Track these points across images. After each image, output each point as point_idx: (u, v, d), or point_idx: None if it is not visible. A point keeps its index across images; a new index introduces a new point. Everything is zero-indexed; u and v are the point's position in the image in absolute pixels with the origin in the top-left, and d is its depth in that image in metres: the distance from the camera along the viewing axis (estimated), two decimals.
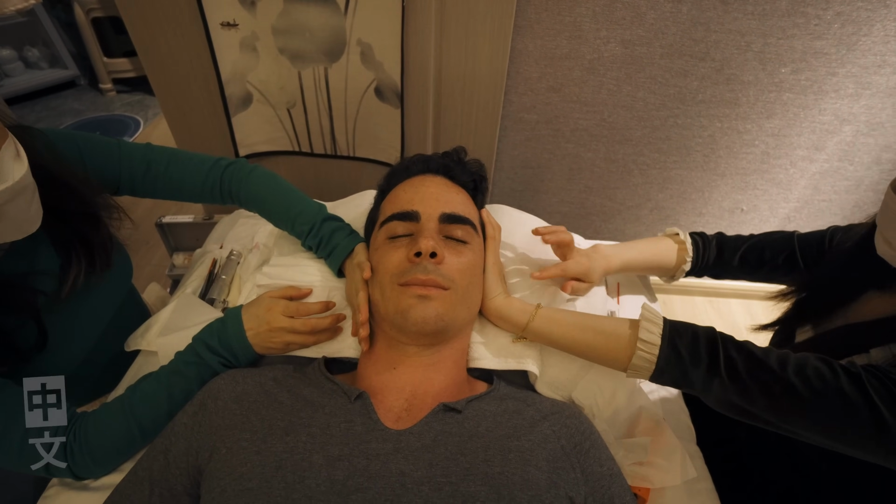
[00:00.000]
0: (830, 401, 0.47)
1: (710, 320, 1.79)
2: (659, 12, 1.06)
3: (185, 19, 1.06)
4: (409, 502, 0.47)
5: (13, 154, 0.49)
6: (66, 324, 0.64)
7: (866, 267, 0.61)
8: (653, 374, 0.56)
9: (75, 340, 0.67)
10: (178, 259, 1.32)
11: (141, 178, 0.73)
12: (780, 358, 0.51)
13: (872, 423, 0.45)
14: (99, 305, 0.70)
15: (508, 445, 0.53)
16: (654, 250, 0.82)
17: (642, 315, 0.58)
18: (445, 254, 0.62)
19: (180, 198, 0.78)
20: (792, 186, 1.40)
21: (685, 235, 0.82)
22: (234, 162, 0.79)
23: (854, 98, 1.17)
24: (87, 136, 0.69)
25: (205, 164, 0.77)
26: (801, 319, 0.71)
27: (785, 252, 0.76)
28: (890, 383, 0.45)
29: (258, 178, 0.78)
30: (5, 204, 0.48)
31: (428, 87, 1.15)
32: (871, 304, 0.63)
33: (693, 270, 0.82)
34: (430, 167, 0.73)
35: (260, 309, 0.67)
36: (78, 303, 0.65)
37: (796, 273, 0.75)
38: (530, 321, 0.65)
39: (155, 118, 2.75)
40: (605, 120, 1.27)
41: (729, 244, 0.81)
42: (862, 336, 0.60)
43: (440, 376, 0.62)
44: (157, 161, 0.74)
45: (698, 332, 0.56)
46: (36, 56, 2.83)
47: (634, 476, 0.63)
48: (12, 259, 0.58)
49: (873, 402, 0.45)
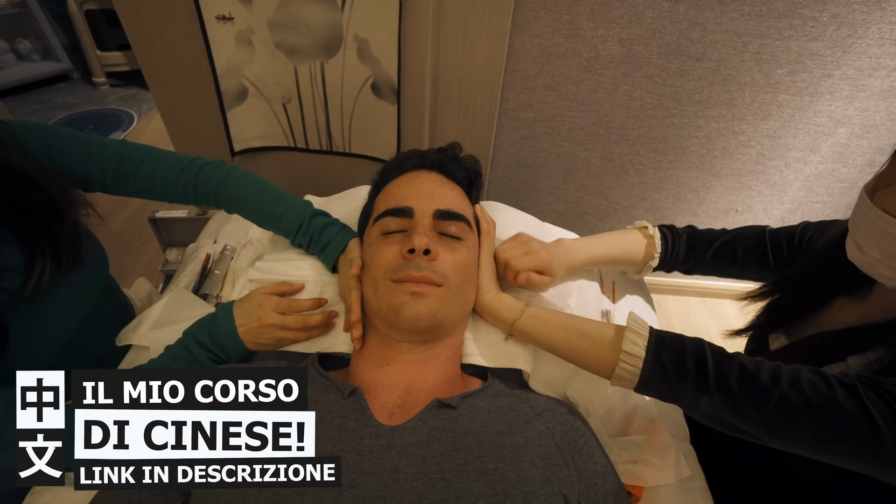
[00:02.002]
0: (826, 414, 0.45)
1: (703, 321, 1.80)
2: (656, 11, 1.06)
3: (181, 12, 1.05)
4: (403, 498, 0.47)
5: None
6: (33, 322, 0.62)
7: (837, 272, 0.60)
8: (637, 387, 0.54)
9: (44, 339, 0.64)
10: (171, 254, 1.30)
11: (112, 175, 0.71)
12: (772, 370, 0.49)
13: (869, 437, 0.44)
14: (69, 303, 0.67)
15: (503, 442, 0.53)
16: (621, 244, 0.80)
17: (628, 325, 0.56)
18: (439, 250, 0.62)
19: (152, 196, 0.75)
20: (786, 188, 1.41)
21: (654, 229, 0.80)
22: (210, 162, 0.76)
23: (849, 100, 1.18)
24: (57, 130, 0.67)
25: (179, 163, 0.74)
26: (773, 325, 0.70)
27: (757, 250, 0.75)
28: (887, 395, 0.44)
29: (238, 179, 0.76)
30: None
31: (425, 83, 1.15)
32: (843, 311, 0.62)
33: (662, 264, 0.80)
34: (424, 163, 0.73)
35: (251, 305, 0.66)
36: (45, 301, 0.63)
37: (767, 271, 0.74)
38: (517, 319, 0.65)
39: (149, 112, 2.72)
40: (602, 119, 1.27)
41: (701, 238, 0.79)
42: (837, 344, 0.59)
43: (434, 373, 0.61)
44: (129, 157, 0.71)
45: (685, 345, 0.53)
46: (28, 48, 2.79)
47: (628, 474, 0.63)
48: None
49: (871, 415, 0.44)
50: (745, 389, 0.49)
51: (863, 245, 0.52)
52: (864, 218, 0.51)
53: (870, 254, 0.51)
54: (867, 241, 0.51)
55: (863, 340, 0.56)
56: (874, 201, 0.49)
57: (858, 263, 0.54)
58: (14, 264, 0.58)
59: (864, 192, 0.52)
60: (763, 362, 0.50)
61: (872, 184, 0.52)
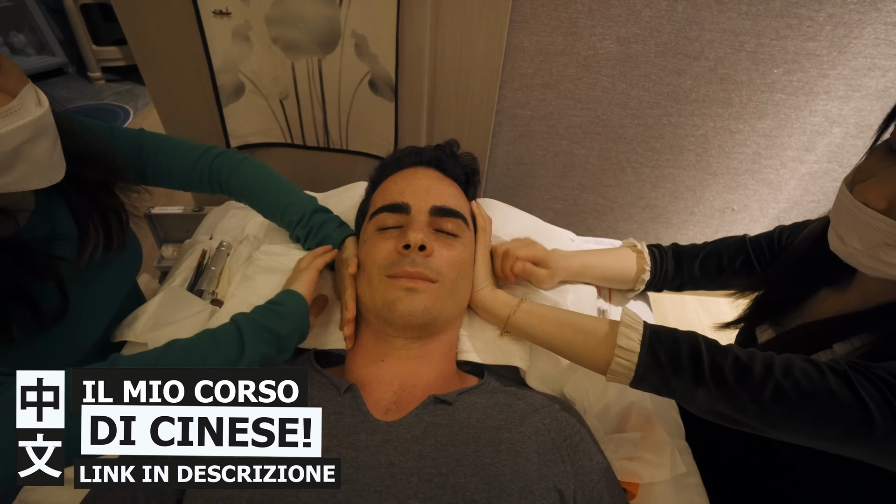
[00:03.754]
0: (820, 401, 0.46)
1: (700, 319, 1.81)
2: (654, 10, 1.06)
3: (177, 7, 1.04)
4: (399, 493, 0.47)
5: (33, 97, 0.50)
6: (87, 298, 0.63)
7: (819, 265, 0.62)
8: (632, 381, 0.54)
9: (93, 318, 0.66)
10: (167, 251, 1.30)
11: (133, 163, 0.72)
12: (765, 360, 0.50)
13: (862, 421, 0.45)
14: (114, 285, 0.69)
15: (499, 437, 0.53)
16: (613, 255, 0.83)
17: (622, 320, 0.56)
18: (435, 246, 0.62)
19: (169, 184, 0.77)
20: (782, 187, 1.42)
21: (643, 246, 0.83)
22: (224, 151, 0.78)
23: (844, 100, 1.19)
24: (80, 118, 0.68)
25: (195, 152, 0.77)
26: (761, 318, 0.71)
27: (741, 256, 0.77)
28: (876, 379, 0.45)
29: (248, 168, 0.77)
30: (26, 143, 0.47)
31: (422, 80, 1.14)
32: (827, 302, 0.63)
33: (653, 282, 0.83)
34: (422, 159, 0.73)
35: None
36: (96, 279, 0.65)
37: (754, 276, 0.76)
38: (512, 314, 0.65)
39: (145, 108, 2.71)
40: (599, 117, 1.27)
41: (686, 251, 0.82)
42: (822, 333, 0.60)
43: (429, 369, 0.61)
44: (147, 146, 0.74)
45: (679, 339, 0.54)
46: (22, 42, 2.77)
47: (624, 471, 0.63)
48: (36, 221, 0.58)
49: (862, 400, 0.45)
50: (741, 380, 0.49)
51: (844, 236, 0.52)
52: (844, 210, 0.52)
53: (851, 245, 0.52)
54: (848, 232, 0.52)
55: (846, 328, 0.57)
56: (854, 194, 0.50)
57: (841, 254, 0.55)
58: (69, 235, 0.60)
59: (844, 185, 0.53)
60: (756, 353, 0.51)
61: (852, 176, 0.53)
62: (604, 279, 0.84)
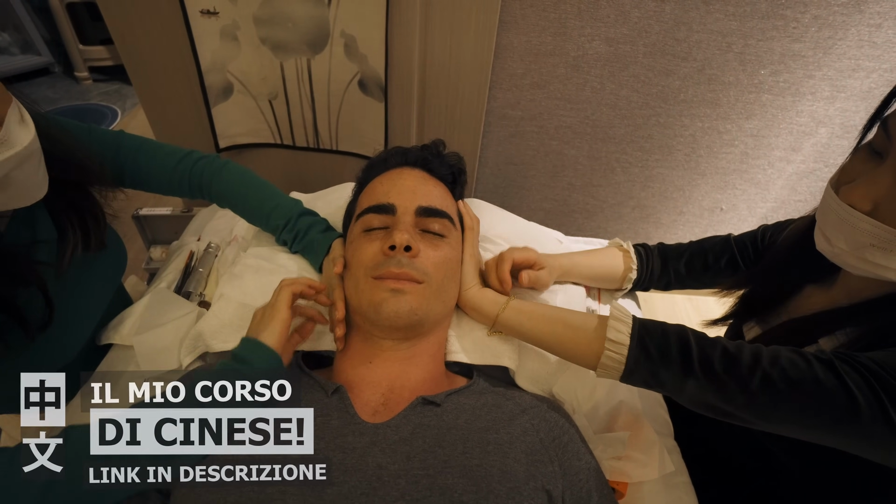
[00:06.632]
0: (807, 389, 0.47)
1: (689, 318, 1.82)
2: (643, 11, 1.07)
3: (164, 6, 1.04)
4: (386, 495, 0.47)
5: (17, 119, 0.49)
6: (71, 300, 0.63)
7: (804, 262, 0.63)
8: (622, 375, 0.55)
9: (82, 319, 0.65)
10: (155, 252, 1.28)
11: (109, 165, 0.71)
12: (753, 351, 0.51)
13: (847, 408, 0.45)
14: (99, 286, 0.68)
15: (487, 438, 0.53)
16: (600, 255, 0.83)
17: (611, 314, 0.56)
18: (421, 247, 0.62)
19: (147, 188, 0.76)
20: (770, 187, 1.43)
21: (629, 245, 0.83)
22: (206, 155, 0.77)
23: (829, 101, 1.20)
24: (56, 118, 0.67)
25: (175, 155, 0.75)
26: (747, 315, 0.72)
27: (725, 255, 0.78)
28: (861, 367, 0.46)
29: (231, 172, 0.76)
30: (13, 170, 0.47)
31: (412, 81, 1.14)
32: (812, 298, 0.64)
33: (640, 280, 0.83)
34: (408, 160, 0.73)
35: None
36: (79, 281, 0.64)
37: (739, 274, 0.77)
38: (500, 312, 0.65)
39: (133, 108, 2.68)
40: (589, 118, 1.28)
41: (671, 252, 0.83)
42: (808, 329, 0.61)
43: (417, 370, 0.61)
44: (126, 148, 0.72)
45: (668, 331, 0.54)
46: (6, 41, 2.72)
47: (612, 470, 0.63)
48: (15, 227, 0.57)
49: (848, 387, 0.45)
50: (729, 371, 0.50)
51: (831, 237, 0.53)
52: (830, 212, 0.52)
53: (838, 245, 0.52)
54: (835, 233, 0.52)
55: (831, 323, 0.58)
56: (839, 195, 0.51)
57: (827, 254, 0.55)
58: (49, 237, 0.60)
59: (829, 187, 0.53)
60: (744, 345, 0.52)
61: (836, 177, 0.53)
62: (592, 278, 0.85)
